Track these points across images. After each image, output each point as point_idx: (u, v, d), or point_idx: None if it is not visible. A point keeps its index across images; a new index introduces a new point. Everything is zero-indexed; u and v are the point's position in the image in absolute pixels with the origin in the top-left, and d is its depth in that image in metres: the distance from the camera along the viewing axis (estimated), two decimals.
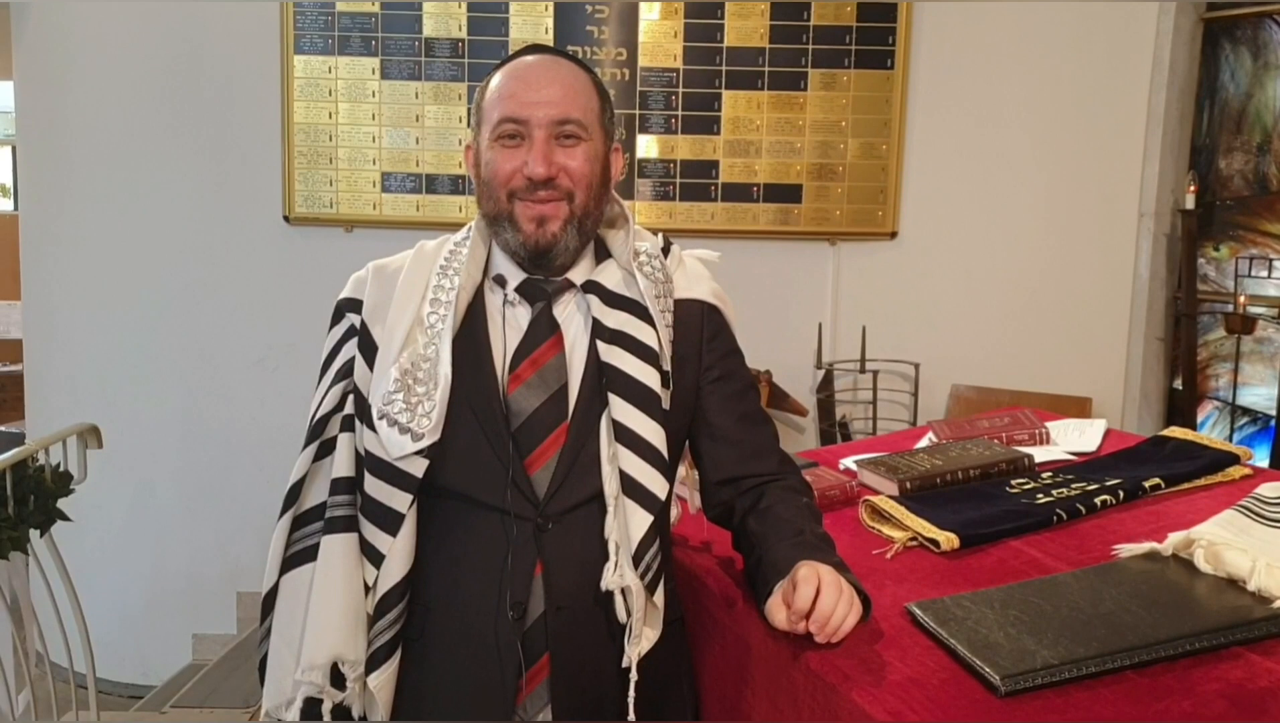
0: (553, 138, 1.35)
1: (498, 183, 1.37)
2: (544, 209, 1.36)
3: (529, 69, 1.39)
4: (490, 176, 1.38)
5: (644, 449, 1.32)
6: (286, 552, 1.36)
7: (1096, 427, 2.03)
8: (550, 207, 1.36)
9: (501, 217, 1.38)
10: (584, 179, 1.37)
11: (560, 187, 1.36)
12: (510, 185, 1.36)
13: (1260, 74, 3.70)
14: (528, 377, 1.36)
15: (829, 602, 1.19)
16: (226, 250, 3.84)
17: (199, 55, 3.77)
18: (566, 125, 1.36)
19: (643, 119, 3.78)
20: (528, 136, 1.35)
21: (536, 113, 1.34)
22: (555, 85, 1.36)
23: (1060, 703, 1.07)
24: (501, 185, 1.36)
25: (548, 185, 1.35)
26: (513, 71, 1.39)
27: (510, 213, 1.37)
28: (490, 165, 1.38)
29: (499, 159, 1.37)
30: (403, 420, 1.31)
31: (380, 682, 1.33)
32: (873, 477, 1.80)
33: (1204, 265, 3.86)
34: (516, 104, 1.35)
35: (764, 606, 1.28)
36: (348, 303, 1.43)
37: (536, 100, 1.35)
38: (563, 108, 1.35)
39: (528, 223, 1.36)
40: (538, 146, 1.34)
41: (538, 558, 1.32)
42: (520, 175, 1.35)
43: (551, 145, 1.35)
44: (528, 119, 1.35)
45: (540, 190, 1.35)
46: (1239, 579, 1.25)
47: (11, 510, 2.59)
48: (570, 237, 1.38)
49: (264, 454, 3.74)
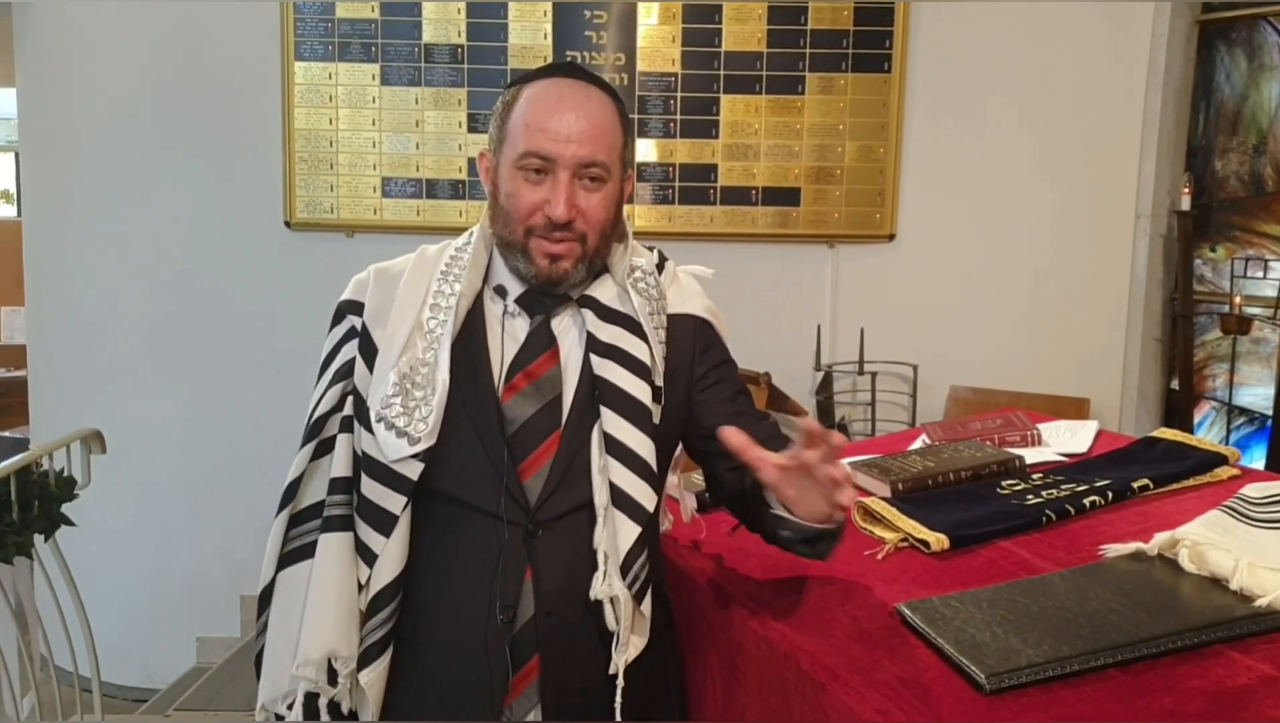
0: (576, 178, 1.36)
1: (517, 217, 1.37)
2: (558, 249, 1.36)
3: (560, 100, 1.37)
4: (510, 207, 1.38)
5: (633, 462, 1.34)
6: (283, 549, 1.39)
7: (1088, 428, 2.04)
8: (564, 247, 1.37)
9: (515, 246, 1.39)
10: (599, 225, 1.38)
11: (575, 229, 1.36)
12: (529, 222, 1.36)
13: (1255, 75, 3.72)
14: (522, 387, 1.38)
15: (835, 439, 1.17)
16: (228, 256, 3.87)
17: (200, 62, 3.80)
18: (592, 168, 1.36)
19: (642, 123, 3.80)
20: (552, 174, 1.35)
21: (565, 152, 1.34)
22: (585, 122, 1.35)
23: (1044, 701, 1.09)
24: (520, 220, 1.37)
25: (565, 227, 1.35)
26: (544, 98, 1.38)
27: (525, 247, 1.38)
28: (511, 196, 1.38)
29: (521, 191, 1.37)
30: (400, 424, 1.33)
31: (371, 679, 1.35)
32: (865, 478, 1.81)
33: (1200, 266, 3.87)
34: (545, 139, 1.34)
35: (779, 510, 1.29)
36: (349, 305, 1.45)
37: (566, 137, 1.34)
38: (590, 149, 1.35)
39: (541, 258, 1.37)
40: (561, 188, 1.34)
41: (528, 563, 1.34)
42: (541, 214, 1.35)
43: (574, 187, 1.35)
44: (555, 157, 1.34)
45: (557, 231, 1.36)
46: (1222, 579, 1.27)
47: (16, 515, 2.61)
48: (579, 272, 1.39)
49: (266, 458, 3.75)
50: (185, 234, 3.85)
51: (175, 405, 3.92)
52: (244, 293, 3.88)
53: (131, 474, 3.76)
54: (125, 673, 3.90)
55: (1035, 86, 3.81)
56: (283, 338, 3.83)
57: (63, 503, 2.76)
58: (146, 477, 3.90)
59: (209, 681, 3.62)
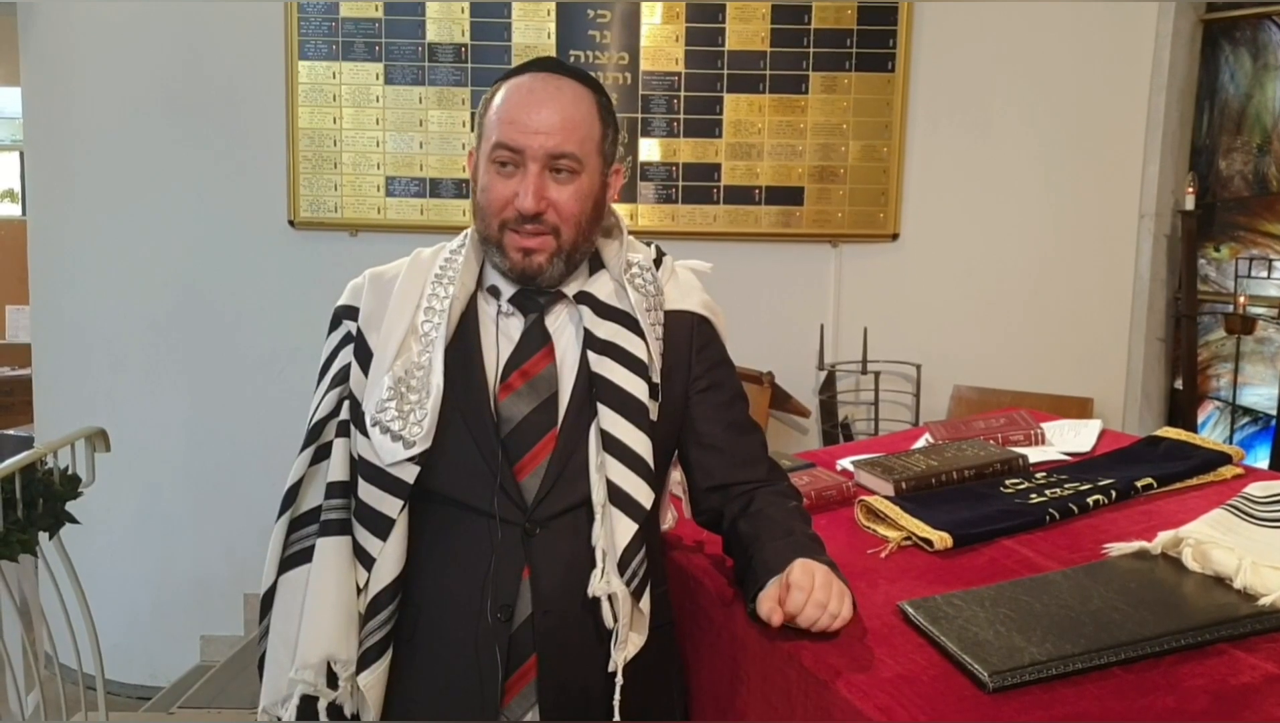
0: (546, 170, 1.36)
1: (491, 210, 1.39)
2: (530, 242, 1.37)
3: (531, 92, 1.37)
4: (484, 201, 1.39)
5: (631, 459, 1.34)
6: (284, 553, 1.40)
7: (1091, 427, 2.04)
8: (537, 241, 1.37)
9: (491, 241, 1.40)
10: (572, 217, 1.38)
11: (547, 222, 1.37)
12: (502, 215, 1.38)
13: (1260, 75, 3.71)
14: (518, 387, 1.38)
15: (820, 599, 1.22)
16: (232, 255, 3.88)
17: (204, 62, 3.80)
18: (561, 159, 1.36)
19: (645, 123, 3.80)
20: (522, 166, 1.36)
21: (532, 143, 1.34)
22: (555, 114, 1.36)
23: (1047, 699, 1.09)
24: (495, 214, 1.38)
25: (535, 220, 1.36)
26: (515, 92, 1.39)
27: (500, 241, 1.39)
28: (485, 190, 1.39)
29: (494, 184, 1.38)
30: (395, 428, 1.34)
31: (370, 681, 1.35)
32: (869, 477, 1.82)
33: (1204, 266, 3.87)
34: (514, 131, 1.35)
35: (752, 602, 1.30)
36: (344, 310, 1.46)
37: (534, 129, 1.35)
38: (559, 140, 1.35)
39: (514, 252, 1.38)
40: (530, 180, 1.35)
41: (525, 562, 1.34)
42: (512, 206, 1.36)
43: (544, 178, 1.36)
44: (523, 149, 1.35)
45: (528, 224, 1.36)
46: (1225, 577, 1.27)
47: (21, 513, 2.62)
48: (556, 267, 1.40)
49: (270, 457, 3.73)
50: (189, 233, 3.86)
51: (179, 404, 3.93)
52: (248, 292, 3.89)
53: (136, 472, 3.77)
54: (129, 671, 3.91)
55: (1039, 86, 3.80)
56: (286, 337, 3.84)
57: (67, 501, 2.77)
58: (150, 475, 3.91)
59: (212, 679, 3.63)
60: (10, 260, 6.47)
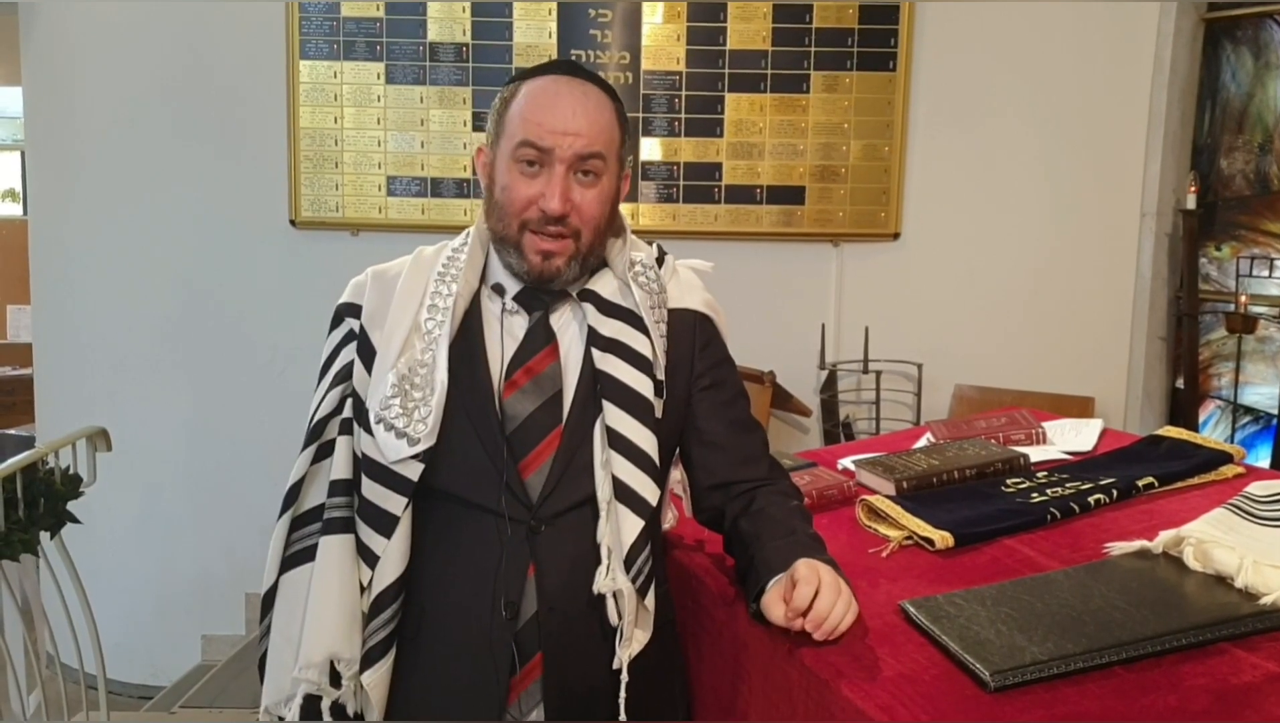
0: (572, 172, 1.35)
1: (512, 210, 1.37)
2: (551, 245, 1.36)
3: (559, 95, 1.37)
4: (505, 200, 1.38)
5: (636, 456, 1.34)
6: (285, 552, 1.39)
7: (1093, 426, 2.04)
8: (558, 244, 1.37)
9: (509, 241, 1.39)
10: (593, 221, 1.38)
11: (570, 225, 1.36)
12: (524, 216, 1.36)
13: (1261, 74, 3.71)
14: (523, 384, 1.38)
15: (827, 601, 1.22)
16: (233, 254, 3.88)
17: (205, 61, 3.80)
18: (588, 161, 1.36)
19: (646, 122, 3.80)
20: (548, 166, 1.35)
21: (561, 144, 1.34)
22: (583, 117, 1.35)
23: (1048, 698, 1.09)
24: (515, 214, 1.37)
25: (559, 221, 1.35)
26: (541, 92, 1.38)
27: (519, 242, 1.38)
28: (506, 189, 1.38)
29: (516, 184, 1.37)
30: (399, 425, 1.33)
31: (374, 680, 1.35)
32: (870, 476, 1.82)
33: (1205, 265, 3.87)
34: (542, 131, 1.34)
35: (754, 601, 1.30)
36: (347, 308, 1.45)
37: (563, 130, 1.34)
38: (587, 141, 1.35)
39: (534, 255, 1.37)
40: (557, 181, 1.34)
41: (530, 560, 1.34)
42: (535, 207, 1.35)
43: (570, 180, 1.35)
44: (551, 149, 1.34)
45: (551, 226, 1.35)
46: (1227, 576, 1.27)
47: (22, 513, 2.62)
48: (572, 270, 1.39)
49: (271, 456, 3.73)
50: (190, 232, 3.86)
51: (180, 403, 3.93)
52: (249, 291, 3.89)
53: (137, 472, 3.77)
54: (130, 670, 3.92)
55: (1040, 85, 3.80)
56: (288, 336, 3.84)
57: (68, 501, 2.77)
58: (152, 474, 3.91)
59: (214, 678, 3.63)
60: (11, 260, 6.48)
